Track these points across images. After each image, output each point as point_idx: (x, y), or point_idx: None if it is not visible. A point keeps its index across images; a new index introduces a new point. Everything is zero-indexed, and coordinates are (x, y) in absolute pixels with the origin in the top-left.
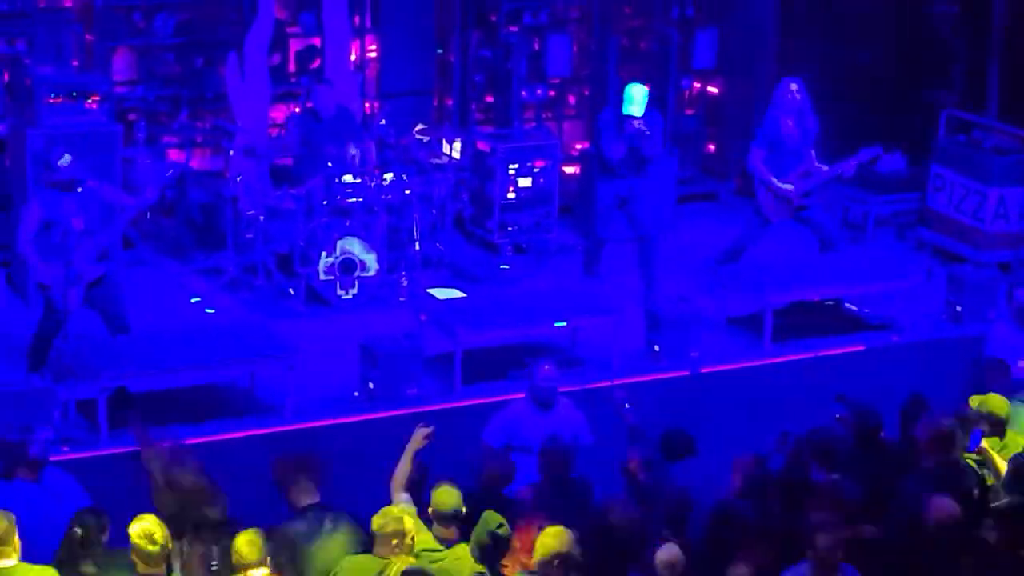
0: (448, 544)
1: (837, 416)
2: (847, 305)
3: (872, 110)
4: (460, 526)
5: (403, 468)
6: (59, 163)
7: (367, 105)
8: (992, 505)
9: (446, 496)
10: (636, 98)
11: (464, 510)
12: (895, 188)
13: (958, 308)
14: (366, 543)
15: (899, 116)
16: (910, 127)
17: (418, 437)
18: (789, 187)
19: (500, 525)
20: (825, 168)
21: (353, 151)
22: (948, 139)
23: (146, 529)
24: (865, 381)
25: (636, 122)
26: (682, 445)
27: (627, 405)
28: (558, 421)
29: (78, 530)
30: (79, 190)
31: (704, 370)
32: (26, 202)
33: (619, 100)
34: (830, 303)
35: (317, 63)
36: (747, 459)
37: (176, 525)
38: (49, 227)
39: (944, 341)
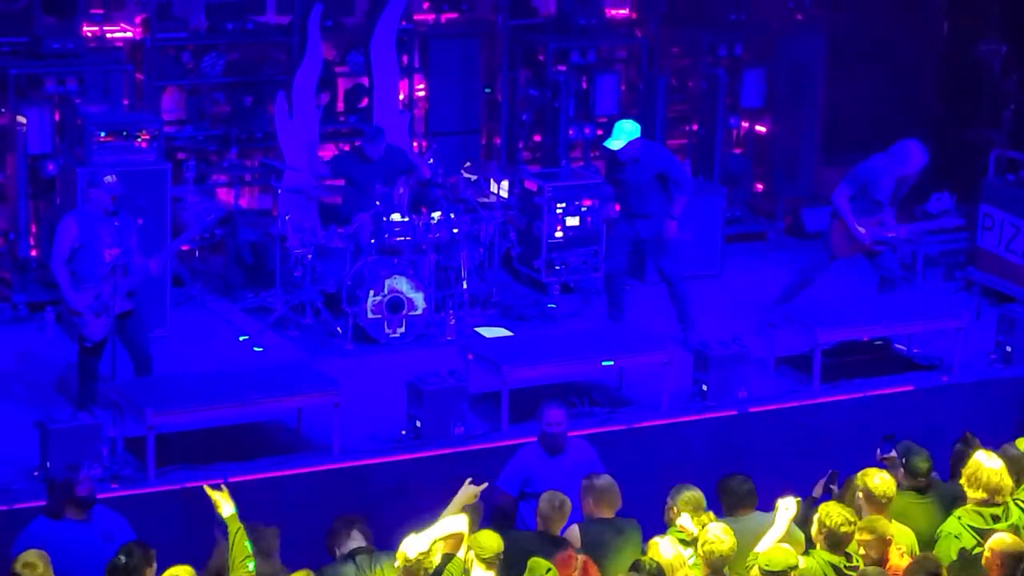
0: None
1: (882, 456)
2: (896, 345)
3: None
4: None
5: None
6: (104, 179)
7: (415, 144)
8: None
9: (488, 540)
10: (619, 132)
11: (504, 554)
12: (944, 228)
13: (1008, 348)
14: None
15: (948, 155)
16: (959, 166)
17: (469, 493)
18: (862, 230)
19: (548, 570)
20: (892, 226)
21: (401, 190)
22: (997, 178)
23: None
24: (914, 422)
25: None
26: (742, 495)
27: None
28: (570, 464)
29: (122, 558)
30: (116, 223)
31: (752, 410)
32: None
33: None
34: (879, 343)
35: (365, 102)
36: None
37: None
38: (81, 251)
39: (994, 382)
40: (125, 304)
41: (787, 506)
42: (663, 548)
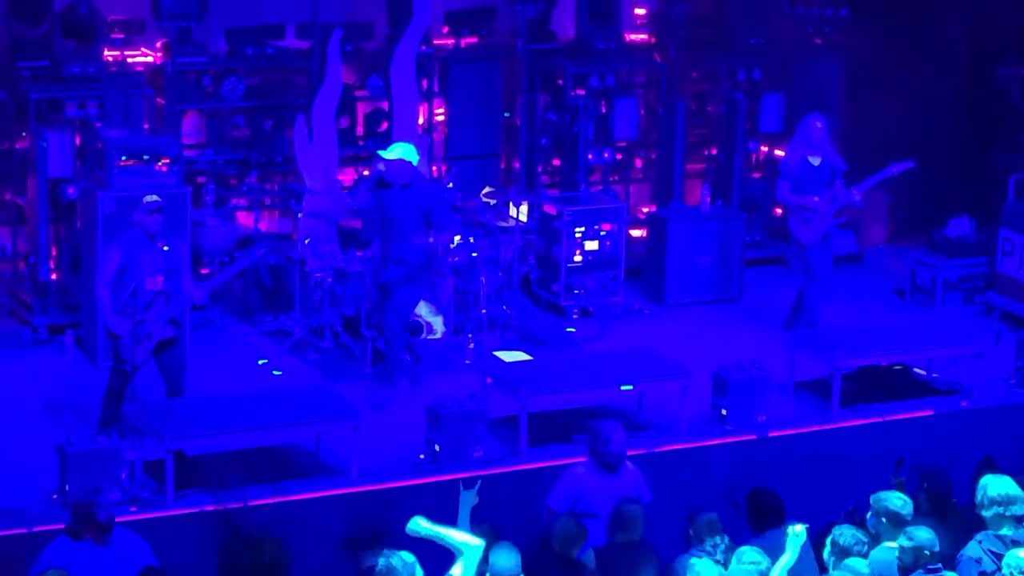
0: None
1: (894, 480)
2: (916, 370)
3: (940, 174)
4: None
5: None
6: (145, 199)
7: (434, 168)
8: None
9: (504, 559)
10: (397, 148)
11: (522, 574)
12: (964, 253)
13: None
14: None
15: (967, 180)
16: (978, 191)
17: (468, 497)
18: (814, 199)
19: None
20: (848, 190)
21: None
22: (1017, 203)
23: None
24: (934, 447)
25: (380, 164)
26: (770, 510)
27: None
28: (623, 484)
29: None
30: (165, 248)
31: (772, 434)
32: (106, 248)
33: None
34: (899, 368)
35: (385, 126)
36: None
37: None
38: (122, 276)
39: (1014, 407)
40: (167, 332)
41: (796, 532)
42: (702, 567)
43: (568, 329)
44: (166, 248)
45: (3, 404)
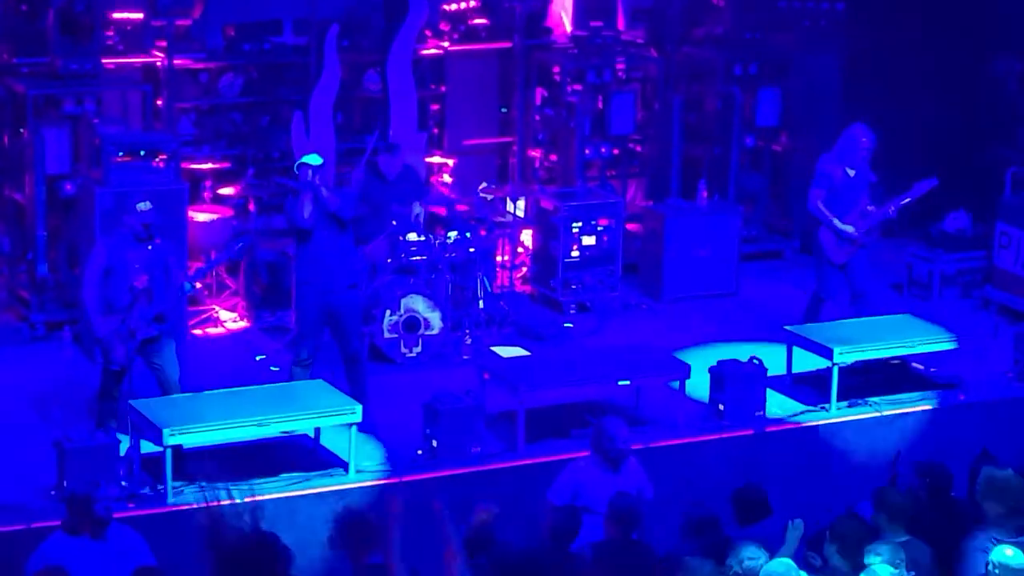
0: None
1: (892, 475)
2: (914, 364)
3: (937, 168)
4: None
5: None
6: (138, 207)
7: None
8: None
9: None
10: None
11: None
12: (961, 247)
13: None
14: None
15: (964, 174)
16: (975, 185)
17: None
18: (850, 229)
19: None
20: (875, 208)
21: (417, 210)
22: (1014, 197)
23: None
24: (932, 441)
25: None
26: (757, 504)
27: None
28: (624, 479)
29: None
30: (149, 248)
31: (769, 429)
32: (93, 247)
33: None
34: (896, 362)
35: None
36: None
37: None
38: (109, 276)
39: (1012, 401)
40: (151, 330)
41: (796, 526)
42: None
43: (566, 324)
44: (150, 247)
45: (1, 400)
